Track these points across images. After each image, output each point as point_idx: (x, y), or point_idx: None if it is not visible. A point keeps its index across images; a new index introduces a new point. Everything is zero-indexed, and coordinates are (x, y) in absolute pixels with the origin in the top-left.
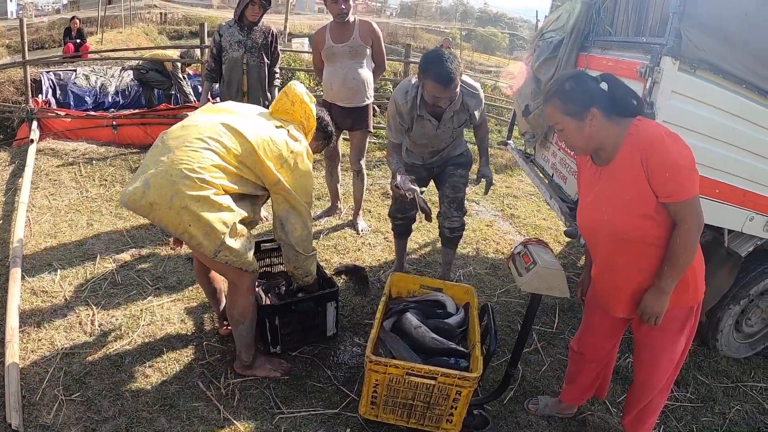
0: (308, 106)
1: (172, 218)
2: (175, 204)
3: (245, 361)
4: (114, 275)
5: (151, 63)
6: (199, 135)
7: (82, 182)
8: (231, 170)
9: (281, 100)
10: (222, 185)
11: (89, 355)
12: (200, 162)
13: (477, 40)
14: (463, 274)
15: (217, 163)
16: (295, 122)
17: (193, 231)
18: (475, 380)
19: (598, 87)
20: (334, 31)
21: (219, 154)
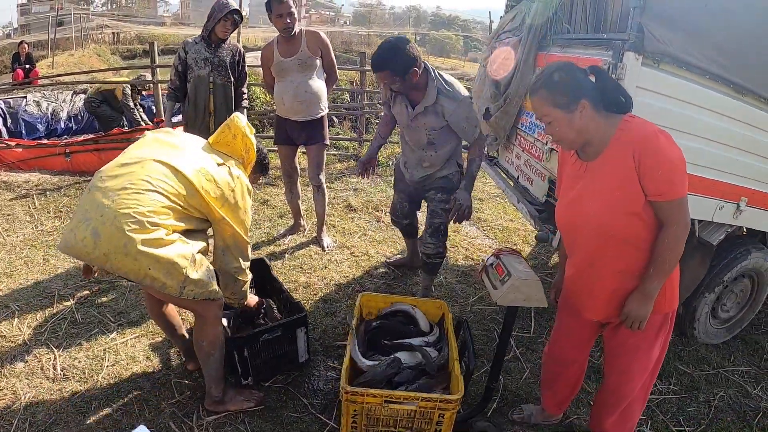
0: (249, 139)
1: (130, 265)
2: (130, 250)
3: (216, 396)
4: (74, 313)
5: (102, 95)
6: (144, 177)
7: (36, 215)
8: (178, 209)
9: (223, 132)
10: (171, 225)
11: (54, 403)
12: (148, 205)
13: (432, 44)
14: (435, 284)
15: (165, 205)
16: (235, 155)
17: (154, 273)
18: (458, 402)
19: (587, 79)
20: (281, 45)
21: (165, 195)
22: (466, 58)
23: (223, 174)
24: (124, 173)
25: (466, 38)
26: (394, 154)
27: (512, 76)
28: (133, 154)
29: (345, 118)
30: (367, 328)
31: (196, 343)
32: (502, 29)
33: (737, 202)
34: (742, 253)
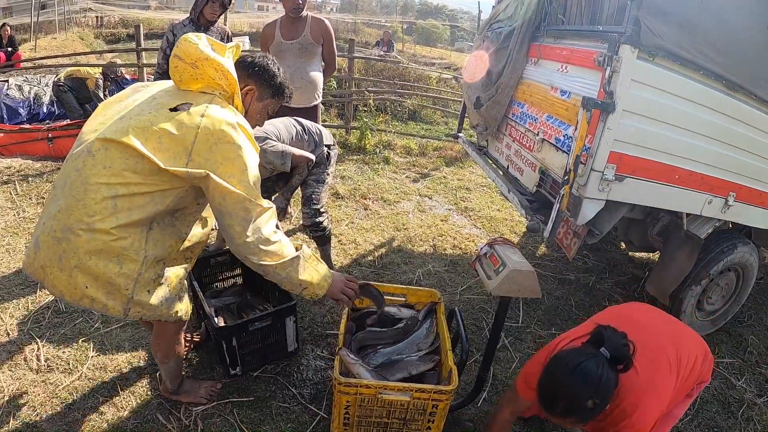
0: (216, 61)
1: (65, 283)
2: (64, 265)
3: (171, 388)
4: (57, 303)
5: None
6: (78, 168)
7: (18, 202)
8: (137, 194)
9: (177, 67)
10: (125, 223)
11: (39, 396)
12: (88, 206)
13: (418, 33)
14: (423, 273)
15: (112, 196)
16: (209, 90)
17: (93, 293)
18: (452, 392)
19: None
20: (284, 26)
21: (111, 183)
22: (453, 48)
23: (182, 119)
24: (67, 169)
25: (453, 28)
26: (381, 141)
27: (504, 65)
28: (81, 135)
29: (332, 105)
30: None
31: (152, 347)
32: (494, 19)
33: (726, 197)
34: (729, 247)
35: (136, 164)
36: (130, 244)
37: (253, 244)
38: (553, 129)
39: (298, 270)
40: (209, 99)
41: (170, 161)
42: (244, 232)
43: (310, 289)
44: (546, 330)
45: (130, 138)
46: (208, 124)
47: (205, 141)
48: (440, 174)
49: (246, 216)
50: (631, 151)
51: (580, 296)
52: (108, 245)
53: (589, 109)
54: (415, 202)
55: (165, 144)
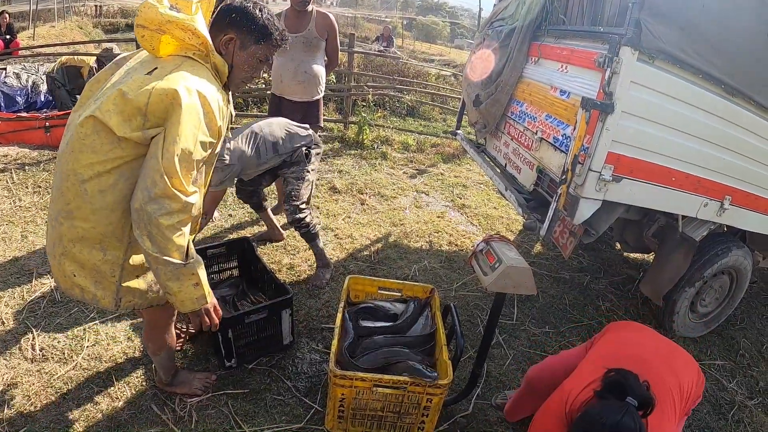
0: (181, 21)
1: (57, 270)
2: (55, 252)
3: (165, 379)
4: (53, 292)
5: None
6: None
7: (14, 190)
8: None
9: (144, 36)
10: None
11: (33, 385)
12: (64, 194)
13: (418, 29)
14: (419, 269)
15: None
16: (181, 52)
17: (81, 282)
18: (446, 387)
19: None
20: (289, 19)
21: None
22: (452, 45)
23: (142, 82)
24: (58, 161)
25: (453, 25)
26: (379, 137)
27: (504, 64)
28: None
29: (330, 99)
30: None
31: (144, 341)
32: (496, 17)
33: (721, 200)
34: (723, 251)
35: (93, 142)
36: (112, 231)
37: (142, 217)
38: (552, 128)
39: (169, 275)
40: (178, 63)
41: (124, 125)
42: (140, 199)
43: (171, 297)
44: (540, 328)
45: (85, 112)
46: (164, 84)
47: (159, 101)
48: (437, 171)
49: (150, 187)
50: (629, 152)
51: (575, 295)
52: (88, 232)
53: (588, 109)
54: (412, 198)
55: (118, 106)
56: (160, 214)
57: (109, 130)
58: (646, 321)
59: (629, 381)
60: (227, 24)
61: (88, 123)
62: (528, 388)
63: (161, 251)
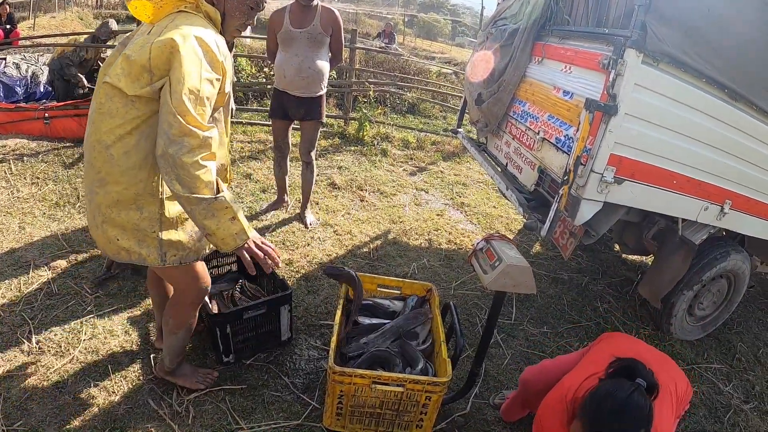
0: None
1: (101, 238)
2: (96, 220)
3: (168, 366)
4: (50, 285)
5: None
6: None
7: (12, 181)
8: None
9: (137, 7)
10: (128, 167)
11: (29, 378)
12: (93, 164)
13: (419, 26)
14: (418, 266)
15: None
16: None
17: (125, 244)
18: (445, 385)
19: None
20: (294, 14)
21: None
22: (454, 43)
23: (141, 42)
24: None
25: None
26: (379, 133)
27: (507, 63)
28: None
29: (331, 95)
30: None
31: (165, 316)
32: (499, 16)
33: (722, 204)
34: (722, 255)
35: (110, 107)
36: (143, 188)
37: (167, 162)
38: (554, 129)
39: (204, 213)
40: (172, 18)
41: (134, 84)
42: (162, 145)
43: (212, 238)
44: (538, 328)
45: (102, 80)
46: (162, 37)
47: (159, 54)
48: (437, 168)
49: (167, 130)
50: (631, 154)
51: (573, 296)
52: (122, 195)
53: (592, 110)
54: (412, 195)
55: (125, 69)
56: (182, 153)
57: (121, 92)
58: (643, 323)
59: (637, 365)
60: None
61: (102, 91)
62: (522, 389)
63: (191, 189)
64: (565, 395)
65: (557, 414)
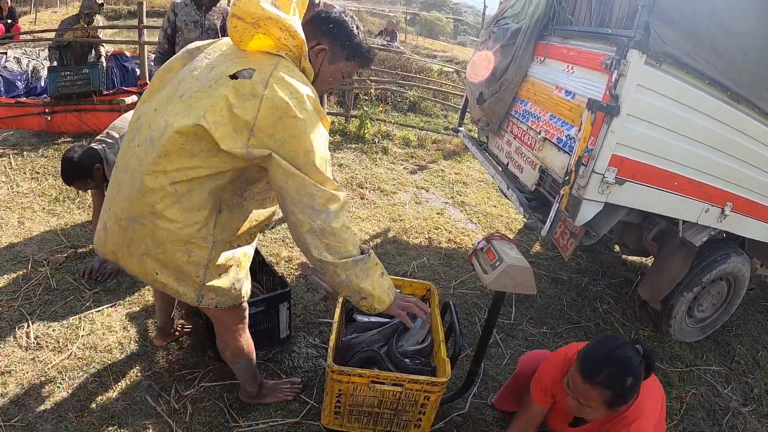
0: (282, 20)
1: (136, 267)
2: (134, 252)
3: (250, 391)
4: (49, 279)
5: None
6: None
7: (12, 176)
8: (194, 178)
9: (237, 27)
10: (189, 207)
11: (27, 373)
12: (148, 196)
13: (421, 25)
14: (417, 265)
15: (171, 182)
16: (274, 50)
17: (163, 279)
18: (444, 385)
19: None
20: None
21: (168, 171)
22: (456, 41)
23: (244, 89)
24: (129, 151)
25: (456, 21)
26: (380, 131)
27: (510, 62)
28: (139, 112)
29: (332, 92)
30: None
31: (219, 349)
32: (501, 15)
33: (722, 206)
34: (723, 257)
35: (193, 147)
36: (197, 230)
37: (316, 235)
38: (556, 128)
39: (360, 275)
40: (274, 63)
41: (230, 139)
42: (306, 220)
43: (369, 300)
44: (537, 328)
45: (189, 119)
46: (272, 95)
47: (269, 115)
48: (438, 167)
49: (310, 202)
50: (633, 155)
51: (572, 296)
52: (174, 234)
53: (594, 111)
54: (412, 193)
55: (225, 118)
56: (330, 221)
57: (212, 139)
58: (643, 324)
59: (641, 340)
60: (322, 33)
61: (190, 130)
62: (516, 374)
63: (342, 255)
64: (566, 353)
65: (557, 366)
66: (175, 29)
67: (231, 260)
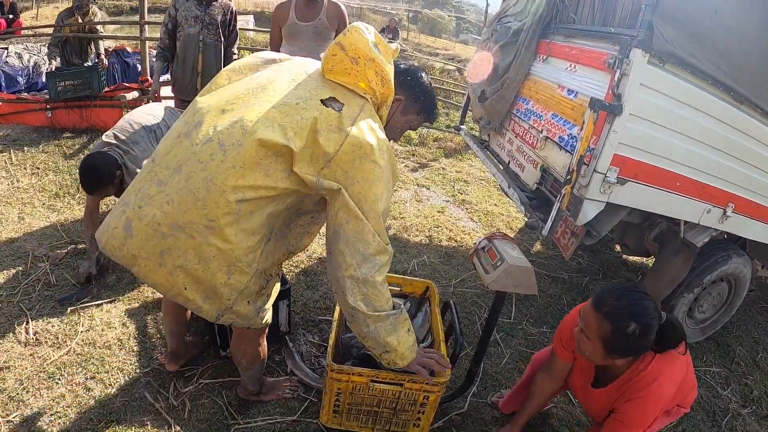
0: (381, 65)
1: (162, 279)
2: (167, 262)
3: (251, 390)
4: (48, 275)
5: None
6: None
7: (12, 171)
8: (263, 197)
9: (336, 56)
10: (245, 229)
11: (26, 369)
12: (209, 208)
13: (423, 23)
14: (418, 263)
15: (238, 200)
16: (359, 91)
17: (190, 295)
18: (444, 384)
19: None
20: (300, 7)
21: (239, 186)
22: (458, 39)
23: (332, 119)
24: (182, 149)
25: (458, 19)
26: None
27: (512, 60)
28: (196, 113)
29: None
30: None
31: (235, 354)
32: (504, 13)
33: (724, 207)
34: (724, 258)
35: (269, 164)
36: (245, 254)
37: (357, 282)
38: (558, 127)
39: (388, 329)
40: (361, 104)
41: (305, 164)
42: (354, 265)
43: (392, 354)
44: (537, 327)
45: (275, 134)
46: (358, 134)
47: (350, 152)
48: (439, 165)
49: (363, 249)
50: (635, 155)
51: (573, 296)
52: (223, 254)
53: (596, 110)
54: (413, 191)
55: (308, 142)
56: (375, 272)
57: (290, 161)
58: None
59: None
60: (399, 84)
61: (275, 146)
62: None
63: (375, 308)
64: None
65: (575, 311)
66: (176, 24)
67: (264, 290)
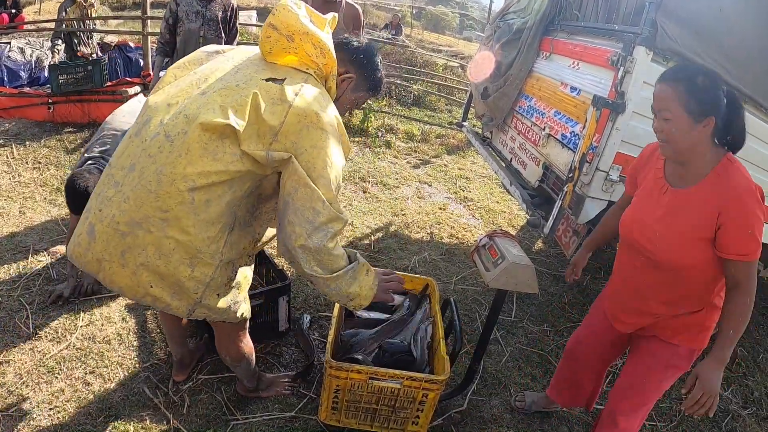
0: (317, 36)
1: (127, 280)
2: (129, 261)
3: (249, 386)
4: (49, 270)
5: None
6: (150, 149)
7: (14, 166)
8: (215, 183)
9: (270, 37)
10: (204, 219)
11: (25, 363)
12: (161, 199)
13: (427, 19)
14: (418, 260)
15: (190, 188)
16: (303, 67)
17: (157, 292)
18: (443, 383)
19: (724, 98)
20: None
21: (188, 174)
22: (461, 36)
23: (274, 93)
24: (133, 147)
25: (462, 16)
26: (384, 125)
27: (515, 57)
28: (147, 107)
29: None
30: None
31: (220, 353)
32: (507, 10)
33: None
34: None
35: (216, 148)
36: (207, 245)
37: (310, 252)
38: (560, 125)
39: (349, 282)
40: (304, 78)
41: (252, 141)
42: (303, 234)
43: (356, 300)
44: (538, 326)
45: (214, 114)
46: (302, 103)
47: (296, 122)
48: (441, 162)
49: (313, 218)
50: (638, 153)
51: (574, 294)
52: (182, 246)
53: (599, 108)
54: (415, 188)
55: (251, 119)
56: (327, 239)
57: (236, 141)
58: None
59: None
60: (351, 61)
61: (216, 127)
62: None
63: (332, 270)
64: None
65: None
66: (176, 20)
67: (232, 282)
